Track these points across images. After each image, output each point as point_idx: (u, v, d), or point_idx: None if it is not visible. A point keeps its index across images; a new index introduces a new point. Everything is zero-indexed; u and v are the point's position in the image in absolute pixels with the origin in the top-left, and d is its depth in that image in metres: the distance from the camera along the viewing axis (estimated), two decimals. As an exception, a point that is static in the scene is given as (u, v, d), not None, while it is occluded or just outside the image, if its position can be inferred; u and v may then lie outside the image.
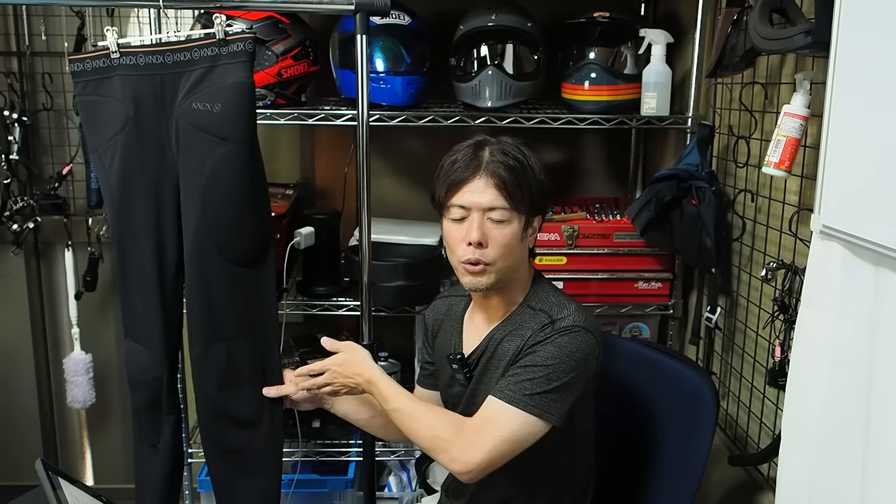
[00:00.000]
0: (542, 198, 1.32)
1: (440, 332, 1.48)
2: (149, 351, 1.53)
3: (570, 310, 1.29)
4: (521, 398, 1.22)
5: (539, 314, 1.30)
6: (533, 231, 1.34)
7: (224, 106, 1.40)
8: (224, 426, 1.54)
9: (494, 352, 1.33)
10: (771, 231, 1.64)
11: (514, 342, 1.30)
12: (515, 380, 1.24)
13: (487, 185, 1.26)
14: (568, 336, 1.24)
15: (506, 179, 1.26)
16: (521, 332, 1.30)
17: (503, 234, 1.27)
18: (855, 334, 1.06)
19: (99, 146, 1.48)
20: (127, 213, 1.49)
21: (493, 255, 1.27)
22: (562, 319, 1.27)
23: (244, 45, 1.41)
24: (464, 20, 1.98)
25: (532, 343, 1.26)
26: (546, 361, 1.23)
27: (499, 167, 1.26)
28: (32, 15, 2.29)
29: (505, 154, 1.28)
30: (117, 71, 1.45)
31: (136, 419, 1.60)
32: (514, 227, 1.27)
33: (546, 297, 1.34)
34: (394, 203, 2.34)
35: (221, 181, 1.43)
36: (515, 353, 1.29)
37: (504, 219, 1.26)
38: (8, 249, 2.37)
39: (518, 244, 1.29)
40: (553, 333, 1.25)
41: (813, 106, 1.37)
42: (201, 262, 1.46)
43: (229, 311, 1.49)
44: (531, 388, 1.22)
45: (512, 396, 1.22)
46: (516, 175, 1.26)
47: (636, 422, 1.56)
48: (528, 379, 1.22)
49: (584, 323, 1.26)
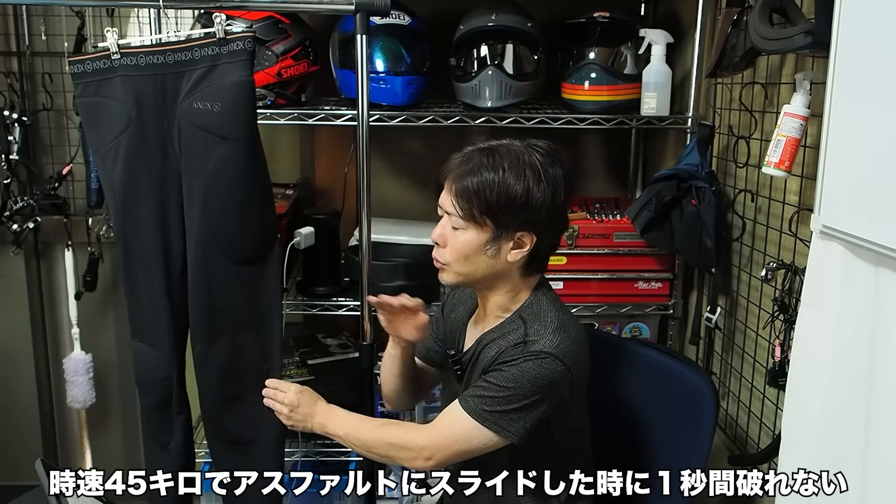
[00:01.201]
0: (511, 214, 1.24)
1: (452, 321, 1.49)
2: (157, 351, 1.54)
3: (548, 330, 1.27)
4: (480, 412, 1.25)
5: (520, 329, 1.29)
6: (517, 246, 1.28)
7: (224, 105, 1.41)
8: (228, 419, 1.56)
9: (479, 356, 1.34)
10: (771, 231, 1.64)
11: (493, 350, 1.30)
12: (478, 392, 1.26)
13: (450, 191, 1.28)
14: (533, 362, 1.24)
15: (462, 190, 1.25)
16: (499, 343, 1.30)
17: (457, 241, 1.29)
18: (855, 334, 1.06)
19: (101, 147, 1.49)
20: (132, 214, 1.49)
21: (448, 258, 1.30)
22: (534, 342, 1.25)
23: (244, 44, 1.42)
24: (464, 20, 1.98)
25: (501, 360, 1.26)
26: (507, 383, 1.24)
27: (464, 177, 1.26)
28: (32, 15, 2.29)
29: (476, 167, 1.26)
30: (118, 72, 1.45)
31: (146, 420, 1.60)
32: (469, 236, 1.27)
33: (538, 309, 1.32)
34: (394, 203, 2.34)
35: (223, 180, 1.43)
36: (490, 361, 1.29)
37: (458, 226, 1.28)
38: (8, 249, 2.36)
39: (477, 253, 1.28)
40: (519, 356, 1.24)
41: (813, 106, 1.37)
42: (204, 260, 1.47)
43: (231, 308, 1.50)
44: (491, 405, 1.24)
45: (472, 408, 1.25)
46: (475, 189, 1.24)
47: (636, 422, 1.56)
48: (490, 396, 1.25)
49: (554, 350, 1.24)
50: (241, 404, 1.55)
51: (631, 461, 1.54)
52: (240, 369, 1.53)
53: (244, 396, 1.54)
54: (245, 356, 1.53)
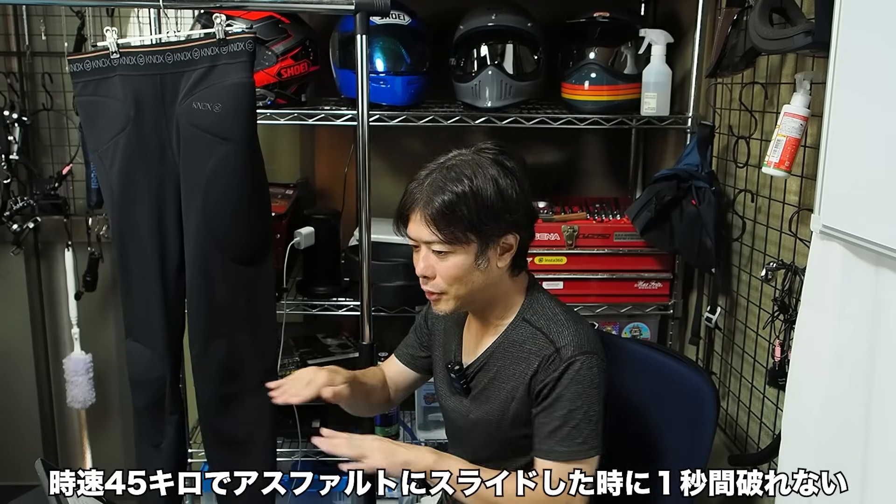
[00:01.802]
0: (492, 221, 1.23)
1: (437, 332, 1.48)
2: (151, 350, 1.54)
3: (569, 331, 1.26)
4: (576, 449, 1.24)
5: (538, 336, 1.28)
6: (503, 250, 1.27)
7: (224, 106, 1.41)
8: (225, 419, 1.56)
9: (496, 374, 1.32)
10: (771, 231, 1.64)
11: (518, 367, 1.29)
12: (561, 435, 1.24)
13: (423, 219, 1.24)
14: (582, 368, 1.23)
15: (436, 216, 1.22)
16: (523, 356, 1.29)
17: (447, 267, 1.25)
18: (855, 334, 1.06)
19: (99, 146, 1.49)
20: (129, 213, 1.49)
21: (443, 286, 1.27)
22: (566, 347, 1.25)
23: (244, 45, 1.42)
24: (464, 20, 1.98)
25: (546, 382, 1.24)
26: (576, 403, 1.23)
27: (433, 202, 1.22)
28: (32, 15, 2.29)
29: (441, 185, 1.22)
30: (117, 71, 1.45)
31: (138, 420, 1.60)
32: (458, 258, 1.24)
33: (542, 310, 1.31)
34: (394, 203, 2.31)
35: (222, 180, 1.43)
36: (524, 383, 1.27)
37: (444, 250, 1.24)
38: (8, 249, 2.36)
39: (470, 272, 1.26)
40: (566, 369, 1.23)
41: (813, 106, 1.37)
42: (202, 260, 1.47)
43: (230, 308, 1.50)
44: (578, 434, 1.23)
45: (568, 452, 1.24)
46: (450, 208, 1.21)
47: (636, 422, 1.56)
48: (573, 427, 1.23)
49: (587, 346, 1.25)
50: (238, 404, 1.55)
51: (631, 461, 1.54)
52: (237, 369, 1.53)
53: (240, 396, 1.55)
54: (242, 356, 1.53)
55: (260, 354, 1.54)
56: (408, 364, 1.53)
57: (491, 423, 1.33)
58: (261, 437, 1.57)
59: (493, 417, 1.32)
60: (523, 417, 1.29)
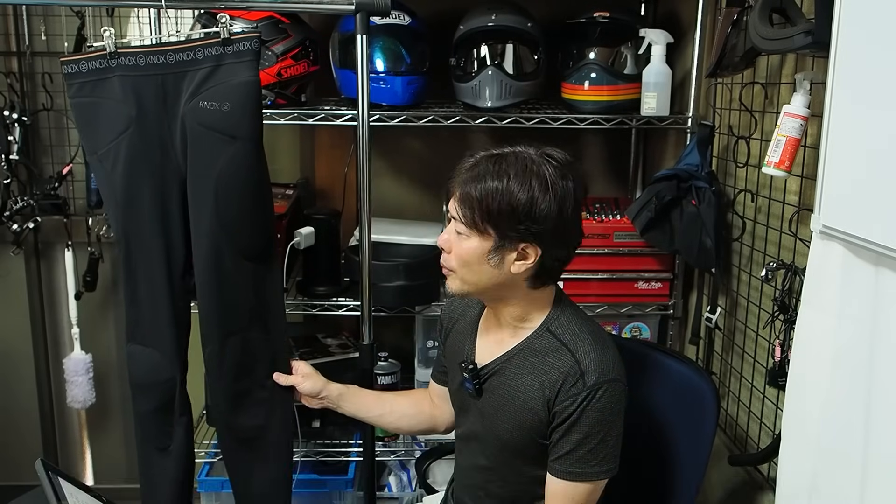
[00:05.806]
0: (512, 224, 1.21)
1: (453, 332, 1.48)
2: (160, 353, 1.53)
3: (596, 353, 1.25)
4: (590, 471, 1.25)
5: (563, 350, 1.27)
6: (521, 257, 1.24)
7: (233, 105, 1.41)
8: (241, 416, 1.57)
9: (513, 382, 1.31)
10: (771, 231, 1.64)
11: (537, 378, 1.28)
12: (576, 457, 1.25)
13: (456, 198, 1.26)
14: (604, 396, 1.23)
15: (465, 196, 1.24)
16: (544, 368, 1.27)
17: (461, 247, 1.27)
18: (855, 334, 1.06)
19: (99, 148, 1.48)
20: (134, 216, 1.48)
21: (453, 263, 1.29)
22: (590, 373, 1.24)
23: (250, 44, 1.42)
24: (464, 20, 1.98)
25: (567, 404, 1.24)
26: (595, 428, 1.24)
27: (469, 183, 1.24)
28: (32, 15, 2.29)
29: (483, 174, 1.23)
30: (115, 72, 1.44)
31: (141, 424, 1.59)
32: (472, 244, 1.25)
33: (568, 324, 1.30)
34: (394, 203, 2.34)
35: (234, 178, 1.44)
36: (542, 395, 1.26)
37: (462, 232, 1.26)
38: (8, 249, 2.37)
39: (480, 262, 1.25)
40: (588, 396, 1.23)
41: (813, 106, 1.37)
42: (216, 259, 1.47)
43: (244, 304, 1.52)
44: (594, 456, 1.24)
45: (583, 474, 1.25)
46: (479, 195, 1.22)
47: (636, 422, 1.55)
48: (589, 450, 1.24)
49: (612, 374, 1.25)
50: (251, 400, 1.57)
51: (631, 462, 1.54)
52: (251, 365, 1.54)
53: (253, 392, 1.56)
54: (255, 352, 1.54)
55: (272, 348, 1.57)
56: (440, 382, 1.54)
57: (500, 427, 1.32)
58: (275, 430, 1.59)
59: (503, 423, 1.31)
60: (534, 429, 1.28)
